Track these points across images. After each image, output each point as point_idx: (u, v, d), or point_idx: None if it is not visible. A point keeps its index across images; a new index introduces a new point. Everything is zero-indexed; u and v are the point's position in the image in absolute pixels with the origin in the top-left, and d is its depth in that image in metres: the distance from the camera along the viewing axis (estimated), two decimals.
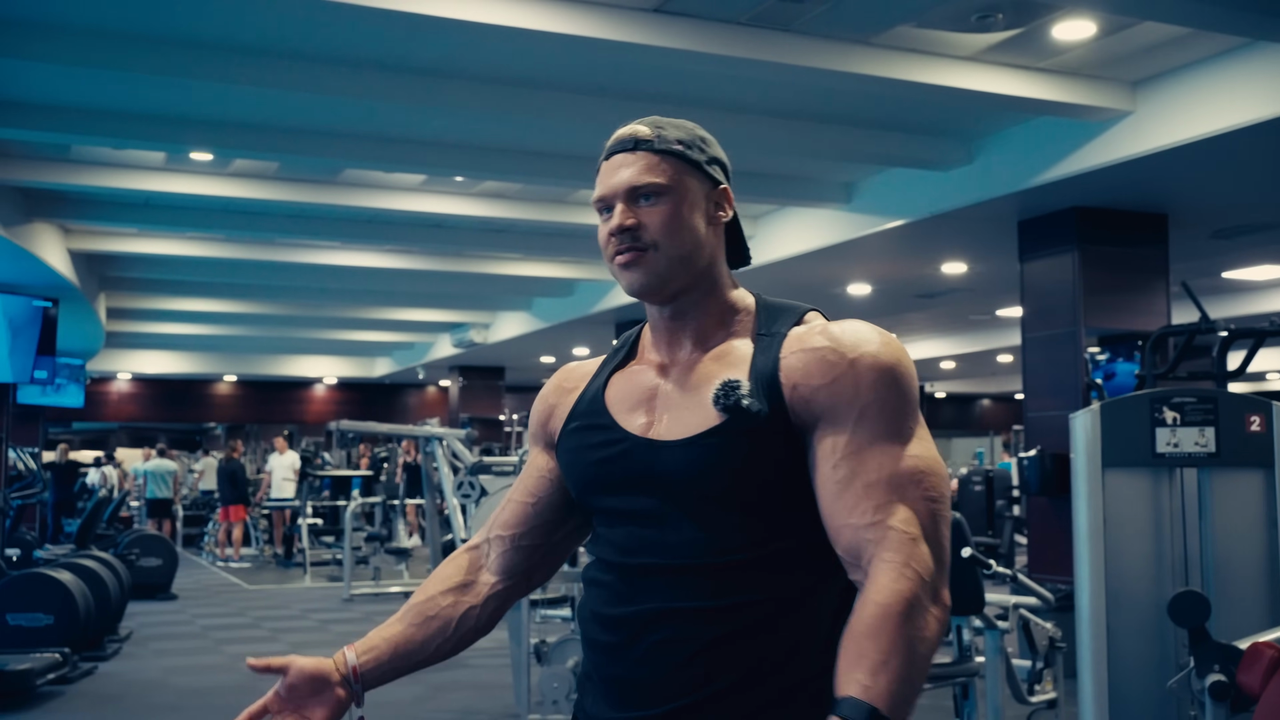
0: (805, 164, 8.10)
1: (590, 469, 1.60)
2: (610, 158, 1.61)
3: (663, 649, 1.49)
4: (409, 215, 9.43)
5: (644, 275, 1.55)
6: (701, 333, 1.60)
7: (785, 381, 1.49)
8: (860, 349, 1.48)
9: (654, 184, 1.56)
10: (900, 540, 1.39)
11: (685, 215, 1.56)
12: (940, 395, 26.14)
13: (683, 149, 1.59)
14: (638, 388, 1.61)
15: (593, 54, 5.53)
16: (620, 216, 1.55)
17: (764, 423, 1.47)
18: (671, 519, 1.51)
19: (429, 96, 6.20)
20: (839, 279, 10.83)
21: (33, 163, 7.92)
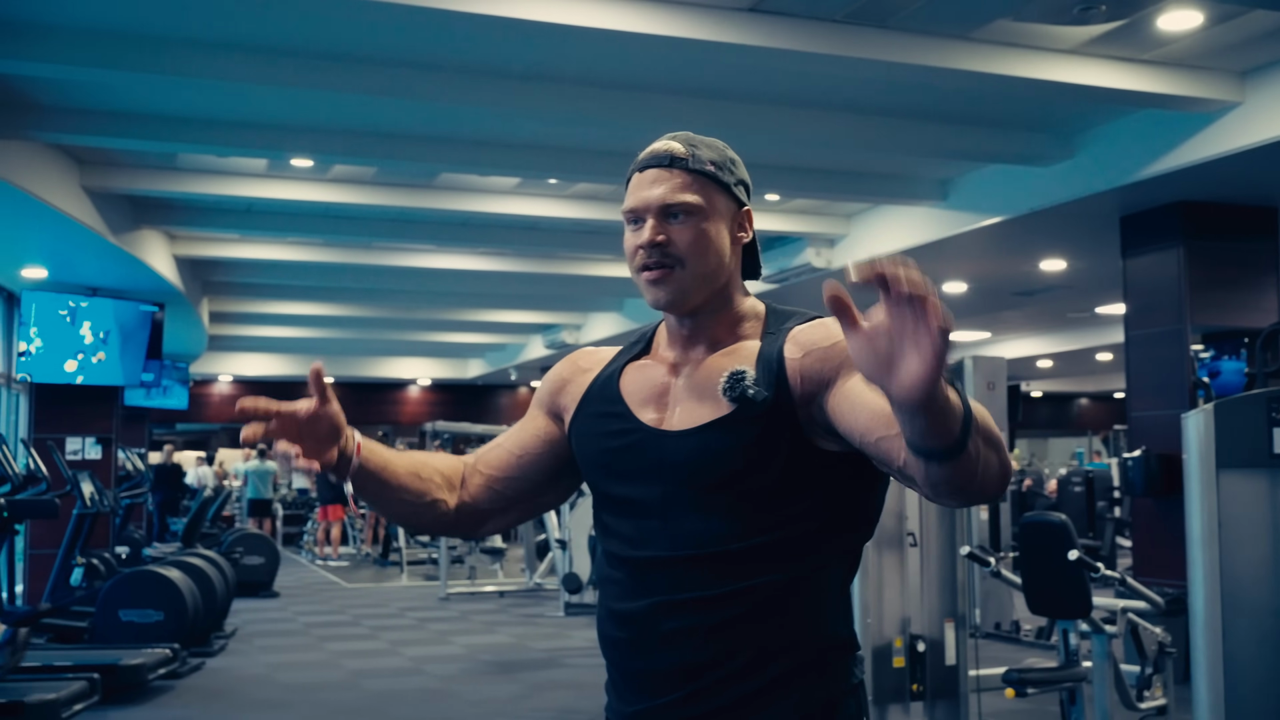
0: (900, 162, 8.01)
1: (603, 454, 1.67)
2: (644, 170, 1.66)
3: (674, 639, 1.56)
4: (503, 218, 9.52)
5: (670, 292, 1.63)
6: (714, 338, 1.68)
7: (790, 366, 1.56)
8: (836, 336, 1.55)
9: (687, 203, 1.62)
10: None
11: (712, 235, 1.63)
12: (1036, 394, 25.68)
13: (715, 170, 1.65)
14: (650, 382, 1.69)
15: (686, 54, 5.52)
16: (651, 232, 1.62)
17: (770, 409, 1.54)
18: (676, 510, 1.57)
19: (523, 100, 6.24)
20: (934, 277, 10.66)
21: (141, 171, 8.13)
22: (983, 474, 1.36)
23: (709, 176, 1.65)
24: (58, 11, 5.29)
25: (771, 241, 10.26)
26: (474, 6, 4.92)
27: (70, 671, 6.20)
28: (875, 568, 4.72)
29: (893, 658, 4.67)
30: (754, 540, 1.54)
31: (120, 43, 5.56)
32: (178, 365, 16.18)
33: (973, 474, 1.34)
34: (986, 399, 8.15)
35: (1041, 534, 4.57)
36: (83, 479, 8.73)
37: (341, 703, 6.68)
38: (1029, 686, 4.25)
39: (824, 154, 7.70)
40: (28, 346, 9.96)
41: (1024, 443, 25.12)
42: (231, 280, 12.74)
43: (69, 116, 6.64)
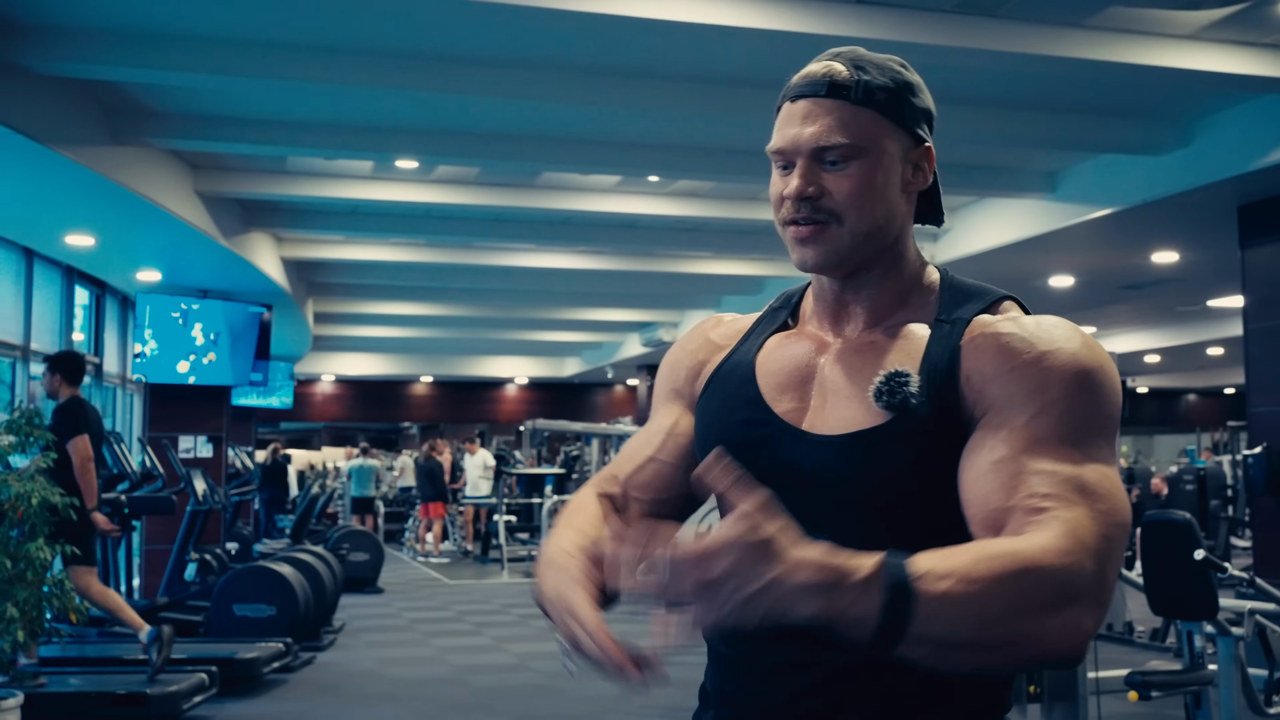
0: (1008, 153, 7.88)
1: (733, 449, 1.30)
2: (796, 100, 1.34)
3: (786, 671, 1.29)
4: (603, 216, 9.55)
5: (822, 252, 1.33)
6: (876, 310, 1.38)
7: (962, 374, 1.26)
8: (1056, 344, 1.23)
9: (846, 146, 1.30)
10: (1064, 526, 1.11)
11: (879, 184, 1.32)
12: (1142, 390, 25.10)
13: (886, 100, 1.33)
14: (793, 363, 1.39)
15: (792, 48, 5.47)
16: (802, 181, 1.32)
17: (930, 425, 1.24)
18: (816, 519, 1.23)
19: (625, 98, 6.25)
20: (1040, 271, 10.50)
21: (251, 175, 8.31)
22: (972, 666, 1.10)
23: (879, 109, 1.32)
24: (174, 20, 5.42)
25: None
26: (578, 5, 4.93)
27: (188, 664, 6.35)
28: None
29: None
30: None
31: (233, 49, 5.68)
32: (283, 365, 16.53)
33: (952, 666, 1.09)
34: None
35: (1165, 533, 4.45)
36: (195, 476, 8.95)
37: (450, 698, 6.76)
38: (1153, 689, 4.14)
39: None
40: (143, 348, 10.24)
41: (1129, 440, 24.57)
42: (336, 281, 12.97)
43: (184, 123, 6.80)
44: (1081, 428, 1.19)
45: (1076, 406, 1.20)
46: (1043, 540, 1.10)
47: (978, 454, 1.21)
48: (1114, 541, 1.14)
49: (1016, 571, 1.06)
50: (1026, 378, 1.22)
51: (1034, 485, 1.15)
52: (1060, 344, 1.23)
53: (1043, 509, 1.13)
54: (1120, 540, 1.15)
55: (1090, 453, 1.18)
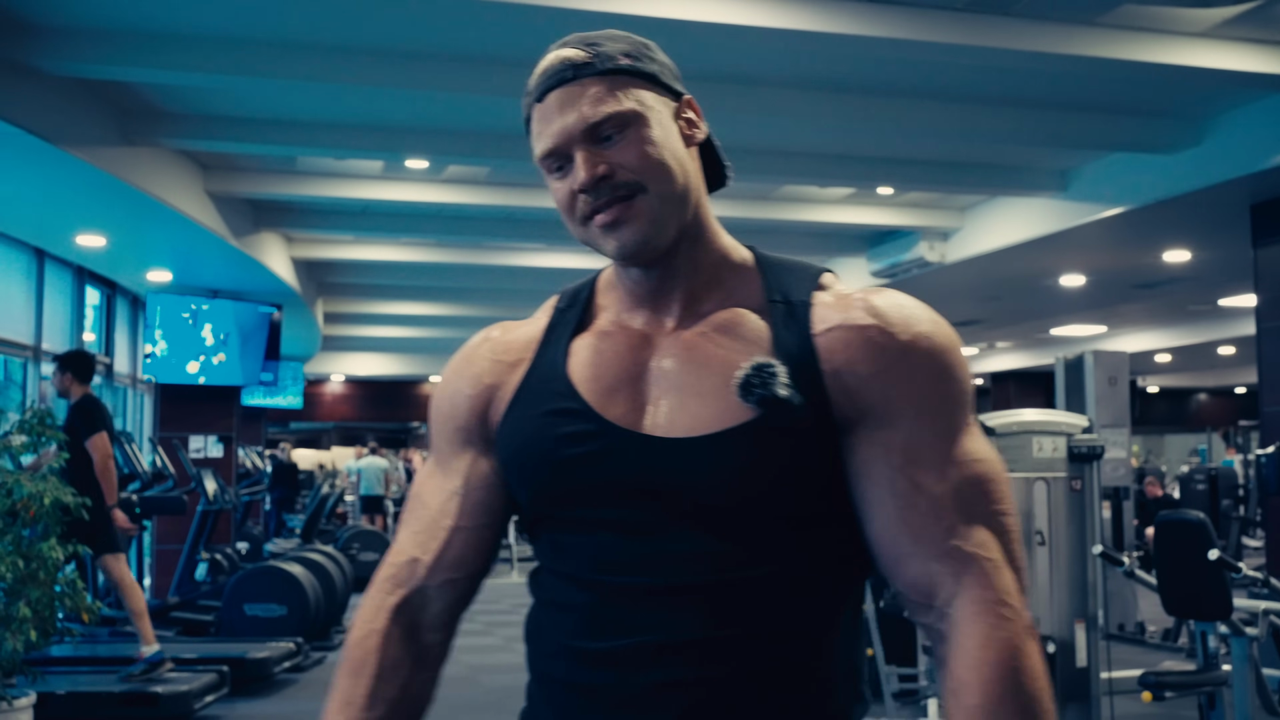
0: (1019, 152, 7.85)
1: (557, 471, 1.22)
2: (544, 98, 1.25)
3: (662, 693, 1.16)
4: None
5: (639, 228, 1.21)
6: (693, 294, 1.27)
7: (825, 366, 1.18)
8: (912, 329, 1.20)
9: (616, 114, 1.21)
10: (984, 572, 1.16)
11: (663, 140, 1.23)
12: (1153, 390, 25.03)
13: (632, 61, 1.26)
14: (616, 362, 1.25)
15: (805, 47, 5.47)
16: (586, 166, 1.21)
17: (804, 418, 1.16)
18: (672, 529, 1.17)
19: None
20: (1051, 270, 10.48)
21: (262, 175, 8.32)
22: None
23: (629, 71, 1.24)
24: (186, 21, 5.42)
25: (884, 235, 10.14)
26: (589, 5, 4.92)
27: (199, 664, 6.36)
28: None
29: None
30: (767, 571, 1.17)
31: (244, 50, 5.68)
32: (293, 365, 16.55)
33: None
34: (1108, 395, 7.96)
35: (1179, 533, 4.43)
36: (206, 476, 8.98)
37: (462, 699, 6.75)
38: (1167, 690, 4.12)
39: (939, 145, 7.57)
40: (153, 348, 10.26)
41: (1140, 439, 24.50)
42: (346, 281, 12.98)
43: (194, 123, 6.81)
44: (954, 414, 1.21)
45: (948, 396, 1.21)
46: (986, 629, 1.15)
47: (871, 480, 1.19)
48: (1009, 520, 1.20)
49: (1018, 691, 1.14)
50: (898, 377, 1.19)
51: (941, 518, 1.17)
52: (916, 329, 1.20)
53: (952, 551, 1.17)
54: (1011, 507, 1.21)
55: (962, 433, 1.20)
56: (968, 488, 1.18)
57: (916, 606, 1.19)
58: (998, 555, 1.17)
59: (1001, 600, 1.15)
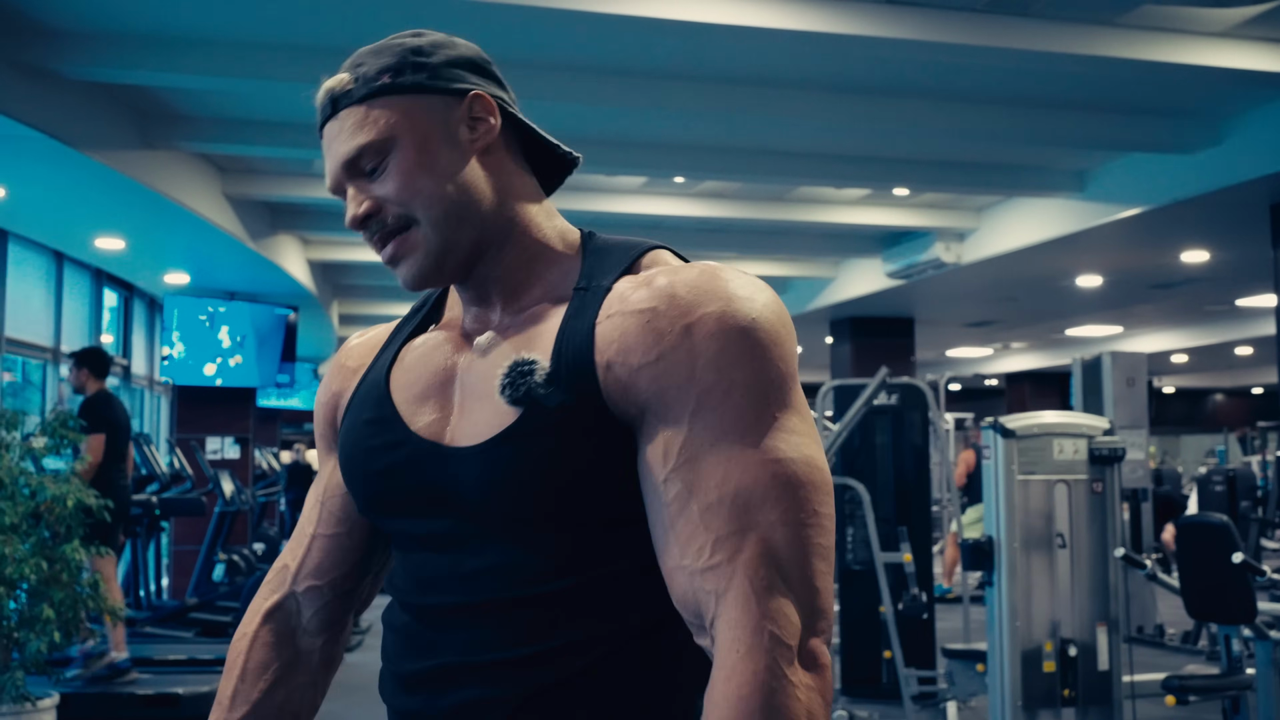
0: (1035, 152, 7.83)
1: (369, 482, 1.20)
2: (322, 131, 1.20)
3: (467, 714, 1.12)
4: (629, 217, 9.54)
5: (416, 262, 1.16)
6: (513, 291, 1.19)
7: (599, 358, 1.08)
8: (700, 308, 1.06)
9: (369, 144, 1.14)
10: (747, 594, 1.00)
11: (427, 161, 1.15)
12: (1169, 390, 24.95)
13: (393, 77, 1.16)
14: (431, 366, 1.21)
15: (822, 49, 5.47)
16: (351, 205, 1.16)
17: (568, 416, 1.07)
18: (471, 542, 1.13)
19: (651, 99, 6.24)
20: (1068, 271, 10.46)
21: (278, 178, 8.34)
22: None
23: (387, 91, 1.15)
24: (204, 25, 5.44)
25: (899, 236, 10.12)
26: (603, 7, 4.92)
27: (218, 664, 6.37)
28: (1023, 569, 4.61)
29: (1043, 662, 4.56)
30: (563, 582, 1.10)
31: (261, 53, 5.69)
32: (308, 366, 16.59)
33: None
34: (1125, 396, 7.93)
35: (1202, 535, 4.42)
36: (223, 477, 9.00)
37: None
38: (1191, 694, 4.11)
39: (956, 146, 7.56)
40: (170, 350, 10.29)
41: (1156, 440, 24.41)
42: (360, 283, 13.01)
43: (213, 126, 6.83)
44: (749, 405, 1.05)
45: (740, 383, 1.05)
46: (736, 658, 1.00)
47: (648, 483, 1.07)
48: (809, 531, 1.04)
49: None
50: (674, 366, 1.05)
51: (712, 528, 1.03)
52: (702, 308, 1.06)
53: (716, 566, 1.02)
54: (818, 515, 1.04)
55: (762, 427, 1.04)
56: (751, 492, 1.03)
57: (693, 629, 1.06)
58: (769, 575, 1.01)
59: (760, 627, 1.00)
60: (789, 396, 1.07)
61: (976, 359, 19.88)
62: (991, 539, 4.62)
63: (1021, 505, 4.63)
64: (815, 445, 1.07)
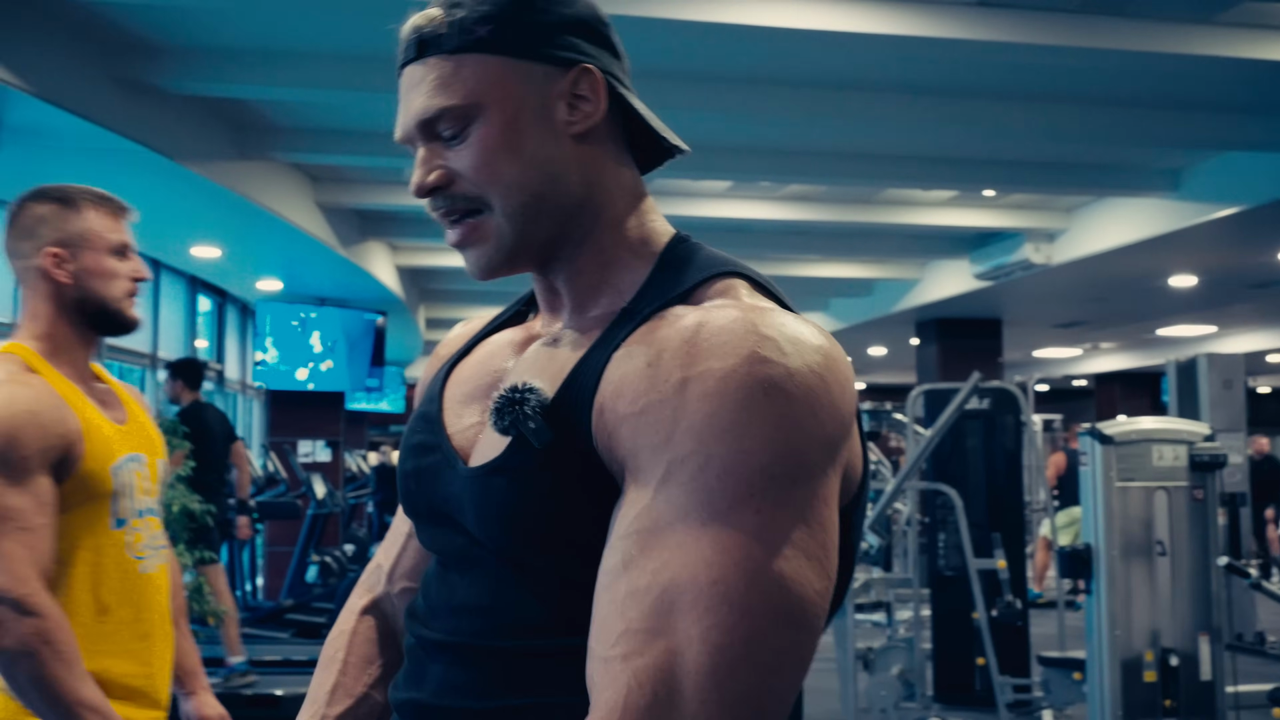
0: (1128, 152, 7.70)
1: (403, 479, 1.12)
2: (401, 72, 1.07)
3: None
4: (713, 221, 9.53)
5: (484, 253, 1.03)
6: (580, 295, 1.06)
7: (598, 398, 0.95)
8: (709, 360, 0.88)
9: (448, 108, 1.01)
10: (615, 707, 0.83)
11: (514, 141, 1.00)
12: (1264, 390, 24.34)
13: (492, 34, 1.00)
14: (485, 368, 1.11)
15: (910, 53, 5.43)
16: (421, 170, 1.04)
17: (554, 458, 0.94)
18: (471, 571, 1.03)
19: (737, 104, 6.24)
20: (1161, 271, 10.26)
21: (368, 186, 8.48)
22: None
23: (487, 48, 1.00)
24: (299, 39, 5.55)
25: (987, 238, 10.00)
26: (687, 14, 4.94)
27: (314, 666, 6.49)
28: (1122, 578, 4.54)
29: (1143, 672, 4.49)
30: (544, 636, 0.97)
31: (352, 65, 5.78)
32: (395, 370, 16.82)
33: None
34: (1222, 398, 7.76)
35: None
36: (315, 480, 9.16)
37: None
38: None
39: (1045, 147, 7.45)
40: (263, 356, 10.50)
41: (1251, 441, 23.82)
42: (446, 287, 13.17)
43: (306, 136, 6.96)
44: (720, 491, 0.85)
45: (715, 461, 0.85)
46: None
47: (605, 547, 0.91)
48: (726, 659, 0.82)
49: None
50: (654, 423, 0.89)
51: (626, 616, 0.85)
52: (711, 360, 0.88)
53: (610, 659, 0.85)
54: (768, 643, 0.83)
55: (733, 520, 0.84)
56: (681, 591, 0.83)
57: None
58: (652, 695, 0.82)
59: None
60: (795, 494, 0.85)
61: (1065, 359, 19.55)
62: (1089, 546, 4.56)
63: (1120, 513, 4.56)
64: (808, 565, 0.84)
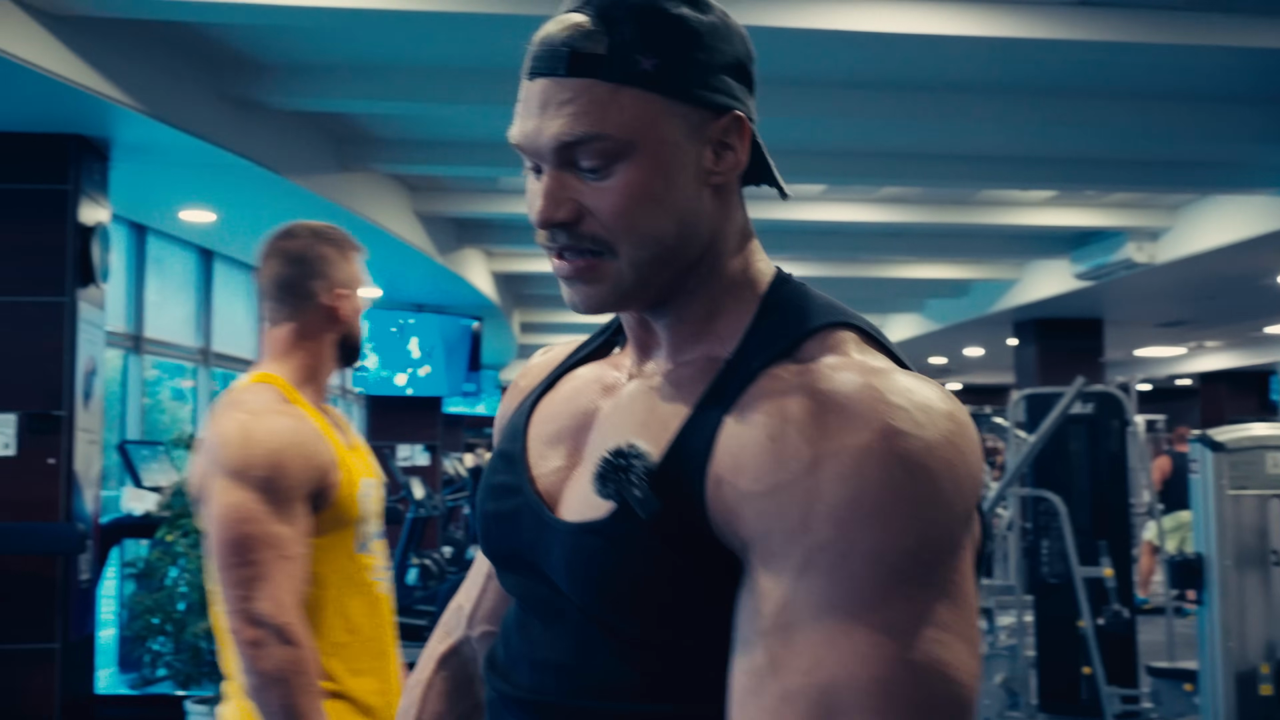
0: (1234, 149, 7.49)
1: (484, 520, 1.05)
2: (533, 78, 0.95)
3: None
4: (807, 224, 9.50)
5: (599, 294, 0.95)
6: (678, 338, 0.99)
7: (712, 468, 0.87)
8: (843, 435, 0.82)
9: (604, 141, 0.91)
10: None
11: (660, 189, 0.92)
12: None
13: (656, 67, 0.91)
14: (572, 407, 1.03)
15: (1011, 53, 5.36)
16: (548, 201, 0.93)
17: (663, 529, 0.87)
18: (556, 624, 0.97)
19: (835, 108, 6.21)
20: (1268, 269, 9.98)
21: (465, 195, 8.60)
22: None
23: (648, 83, 0.92)
24: (396, 53, 5.64)
25: (1089, 237, 9.82)
26: (787, 21, 4.93)
27: None
28: (1236, 588, 4.43)
29: (1258, 684, 4.38)
30: (636, 704, 0.91)
31: (450, 78, 5.88)
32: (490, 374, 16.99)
33: None
34: None
35: None
36: (414, 483, 9.29)
37: None
38: None
39: (1149, 145, 7.29)
40: (363, 362, 10.67)
41: None
42: (540, 293, 13.29)
43: (405, 148, 7.09)
44: (870, 580, 0.79)
45: (859, 549, 0.79)
46: None
47: (736, 635, 0.84)
48: None
49: None
50: (787, 505, 0.82)
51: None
52: (845, 435, 0.81)
53: None
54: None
55: (886, 612, 0.78)
56: (842, 692, 0.78)
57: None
58: None
59: None
60: (940, 573, 0.80)
61: (1168, 359, 19.11)
62: (1201, 556, 4.46)
63: (1233, 521, 4.45)
64: (962, 647, 0.79)
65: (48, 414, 5.20)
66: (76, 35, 4.63)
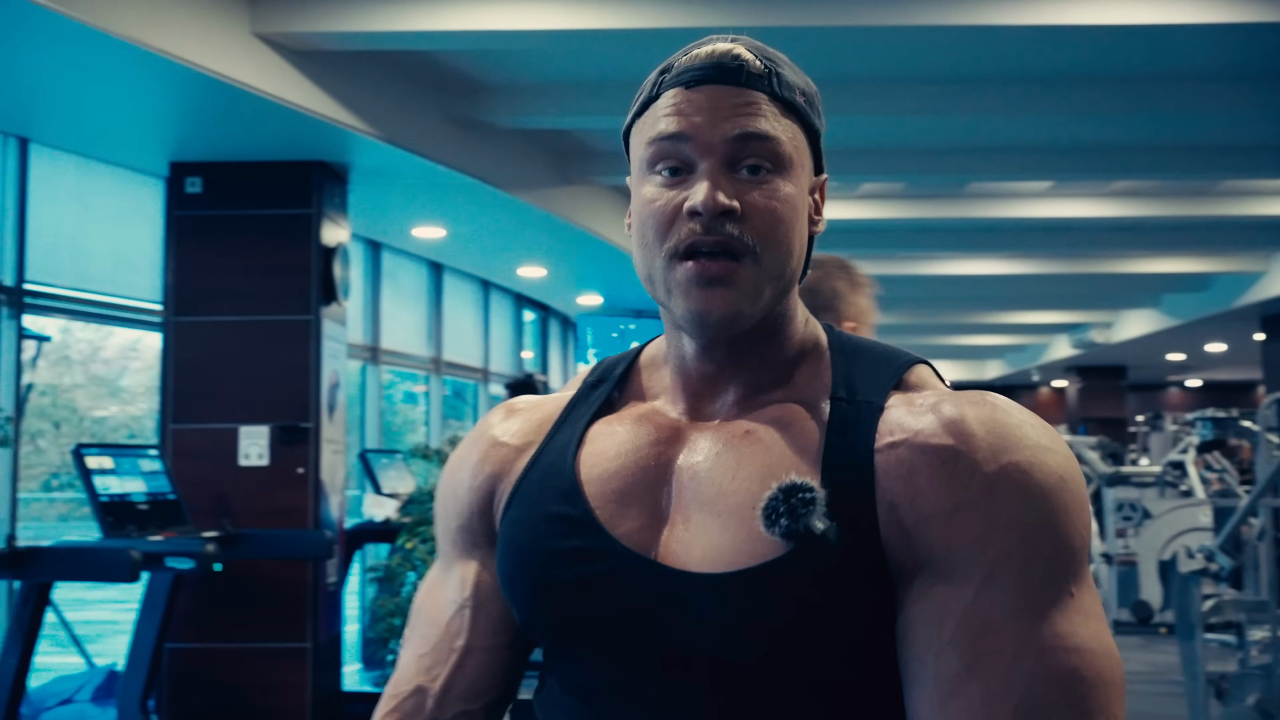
0: None
1: (547, 593, 0.97)
2: (694, 85, 0.97)
3: None
4: (1034, 221, 9.20)
5: (736, 300, 0.94)
6: (755, 384, 0.99)
7: (881, 495, 0.90)
8: (1004, 456, 0.89)
9: (779, 142, 0.95)
10: None
11: (797, 209, 0.96)
12: None
13: (805, 104, 0.98)
14: (636, 460, 0.98)
15: (1246, 38, 5.08)
16: (721, 188, 0.93)
17: (846, 560, 0.88)
18: (678, 686, 0.92)
19: (1061, 104, 6.01)
20: None
21: None
22: None
23: (798, 116, 0.98)
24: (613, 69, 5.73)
25: None
26: (1013, 18, 4.80)
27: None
28: None
29: None
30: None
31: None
32: None
33: None
34: None
35: None
36: None
37: None
38: None
39: None
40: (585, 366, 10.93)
41: None
42: None
43: (623, 161, 7.08)
44: (1047, 580, 0.87)
45: (1042, 554, 0.87)
46: None
47: (914, 649, 0.88)
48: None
49: None
50: (969, 522, 0.87)
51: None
52: (1009, 457, 0.88)
53: None
54: (1105, 709, 0.86)
55: (1059, 605, 0.87)
56: (1044, 686, 0.84)
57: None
58: None
59: None
60: (1084, 569, 0.89)
61: None
62: None
63: None
64: (1108, 629, 0.89)
65: (296, 426, 5.52)
66: (317, 69, 4.91)
